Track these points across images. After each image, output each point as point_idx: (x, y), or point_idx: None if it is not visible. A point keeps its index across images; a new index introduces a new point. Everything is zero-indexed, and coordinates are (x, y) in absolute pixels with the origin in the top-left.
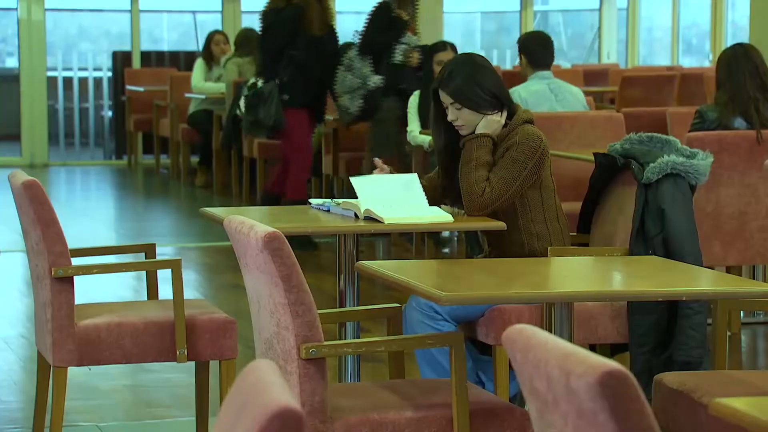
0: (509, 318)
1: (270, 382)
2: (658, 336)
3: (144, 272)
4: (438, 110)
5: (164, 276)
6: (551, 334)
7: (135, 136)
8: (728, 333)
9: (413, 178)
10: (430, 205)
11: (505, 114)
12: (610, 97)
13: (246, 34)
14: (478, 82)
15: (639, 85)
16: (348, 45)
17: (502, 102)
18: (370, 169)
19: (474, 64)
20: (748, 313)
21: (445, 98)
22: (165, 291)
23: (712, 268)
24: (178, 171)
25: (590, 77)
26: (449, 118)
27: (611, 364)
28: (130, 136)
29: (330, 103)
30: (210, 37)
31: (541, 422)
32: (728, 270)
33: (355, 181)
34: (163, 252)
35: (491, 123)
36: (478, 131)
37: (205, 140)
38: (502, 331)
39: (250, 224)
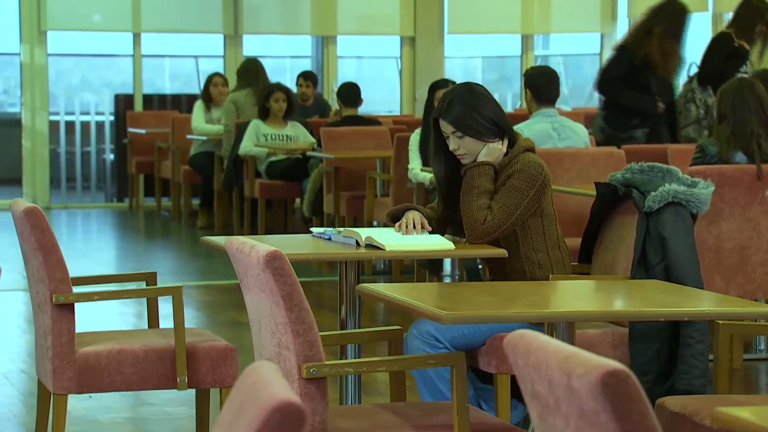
0: None
1: (270, 381)
2: (660, 365)
3: (144, 303)
4: (438, 140)
5: (166, 312)
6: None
7: (136, 178)
8: (730, 368)
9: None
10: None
11: (506, 142)
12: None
13: (247, 66)
14: (478, 110)
15: None
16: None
17: (503, 130)
18: None
19: (473, 92)
20: (750, 349)
21: (446, 127)
22: (166, 323)
23: None
24: (179, 213)
25: (591, 120)
26: (451, 147)
27: (612, 364)
28: (132, 178)
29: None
30: (209, 80)
31: (543, 426)
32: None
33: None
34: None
35: (493, 151)
36: (479, 159)
37: (207, 182)
38: (504, 359)
39: (252, 244)
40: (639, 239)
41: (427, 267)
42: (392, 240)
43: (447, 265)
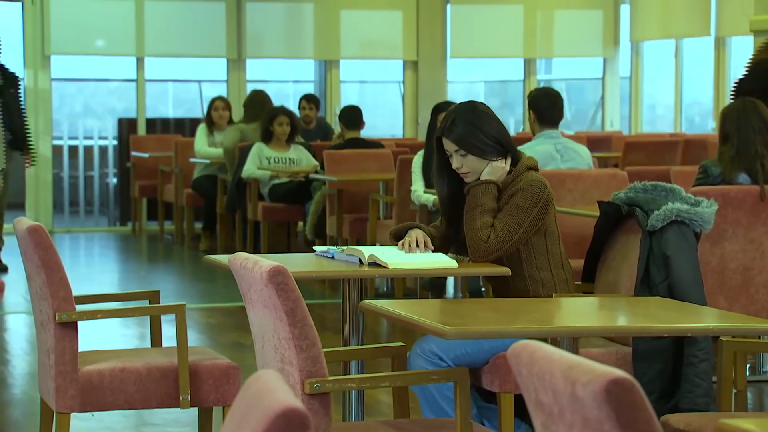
0: None
1: (274, 388)
2: (663, 384)
3: (147, 322)
4: (441, 159)
5: (169, 334)
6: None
7: (139, 202)
8: (734, 390)
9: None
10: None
11: (509, 161)
12: (613, 162)
13: (253, 98)
14: (481, 128)
15: (642, 150)
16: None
17: (506, 148)
18: None
19: (476, 111)
20: (754, 371)
21: (449, 146)
22: (168, 344)
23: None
24: (182, 236)
25: (593, 143)
26: (454, 165)
27: (617, 372)
28: (135, 202)
29: None
30: (211, 103)
31: None
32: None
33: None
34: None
35: (496, 169)
36: (482, 178)
37: (209, 205)
38: (507, 378)
39: (255, 259)
40: (642, 258)
41: (430, 288)
42: (395, 258)
43: (450, 287)
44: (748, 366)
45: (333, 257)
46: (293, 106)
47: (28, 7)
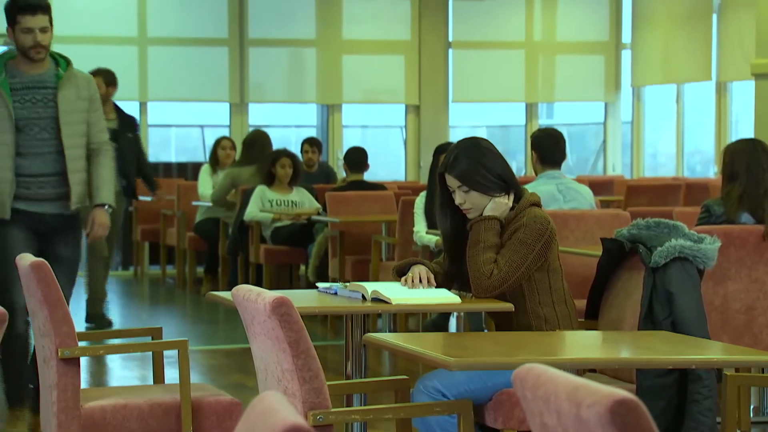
0: (518, 401)
1: (278, 409)
2: (667, 422)
3: (149, 363)
4: (444, 195)
5: (171, 375)
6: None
7: (141, 246)
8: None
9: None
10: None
11: (512, 197)
12: (616, 206)
13: (254, 137)
14: (484, 164)
15: (644, 194)
16: None
17: (509, 184)
18: None
19: (479, 147)
20: (758, 412)
21: (452, 182)
22: (170, 378)
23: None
24: (184, 280)
25: (595, 187)
26: (457, 201)
27: (622, 393)
28: (137, 246)
29: None
30: (217, 142)
31: None
32: (737, 369)
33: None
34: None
35: (499, 205)
36: (485, 214)
37: (212, 248)
38: (510, 414)
39: (258, 291)
40: (646, 295)
41: (432, 329)
42: (398, 294)
43: (452, 328)
44: (752, 407)
45: (336, 293)
46: (295, 151)
47: None
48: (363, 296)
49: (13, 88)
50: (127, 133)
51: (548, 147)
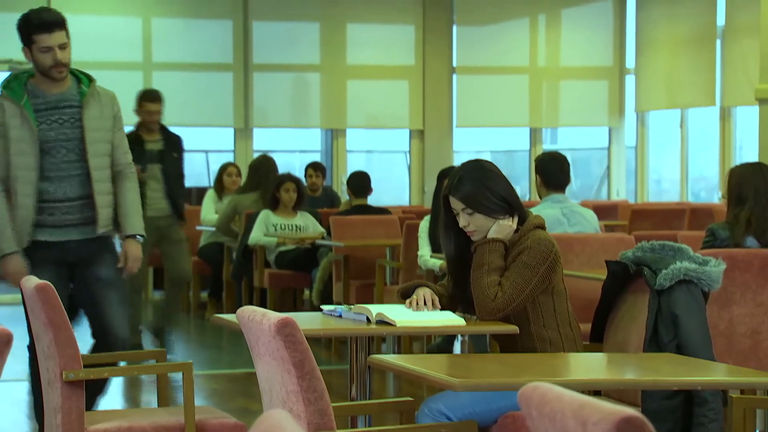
0: (522, 424)
1: (284, 426)
2: None
3: (153, 387)
4: (448, 217)
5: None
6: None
7: (145, 270)
8: None
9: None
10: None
11: (516, 219)
12: (620, 230)
13: (259, 162)
14: (488, 187)
15: (649, 218)
16: None
17: (513, 207)
18: None
19: (483, 169)
20: None
21: (456, 204)
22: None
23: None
24: (188, 304)
25: (600, 212)
26: (461, 224)
27: (627, 410)
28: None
29: None
30: (223, 168)
31: None
32: (742, 392)
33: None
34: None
35: (503, 228)
36: (489, 236)
37: (216, 272)
38: None
39: (263, 312)
40: (651, 317)
41: (437, 353)
42: (403, 316)
43: (456, 351)
44: (758, 430)
45: (340, 316)
46: (300, 175)
47: None
48: (368, 318)
49: (36, 109)
50: (172, 153)
51: (552, 171)
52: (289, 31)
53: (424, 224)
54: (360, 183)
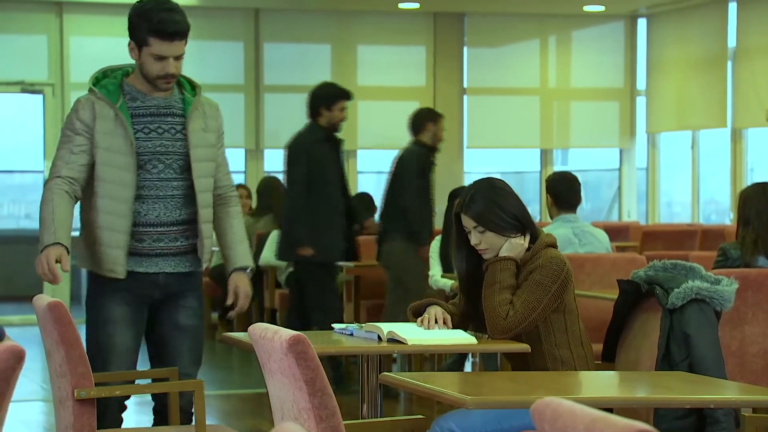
0: None
1: None
2: None
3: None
4: (460, 235)
5: None
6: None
7: None
8: None
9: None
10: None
11: (528, 237)
12: (631, 251)
13: (266, 184)
14: (500, 205)
15: (660, 239)
16: None
17: (525, 225)
18: None
19: (495, 187)
20: None
21: (467, 222)
22: None
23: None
24: None
25: (611, 233)
26: (472, 242)
27: (639, 424)
28: None
29: None
30: None
31: None
32: (755, 411)
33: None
34: None
35: (515, 246)
36: (501, 254)
37: (226, 293)
38: None
39: (275, 329)
40: (663, 336)
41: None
42: (414, 335)
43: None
44: None
45: (352, 334)
46: None
47: (49, 100)
48: (379, 337)
49: (134, 114)
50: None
51: (563, 191)
52: (301, 53)
53: (435, 244)
54: (361, 204)
